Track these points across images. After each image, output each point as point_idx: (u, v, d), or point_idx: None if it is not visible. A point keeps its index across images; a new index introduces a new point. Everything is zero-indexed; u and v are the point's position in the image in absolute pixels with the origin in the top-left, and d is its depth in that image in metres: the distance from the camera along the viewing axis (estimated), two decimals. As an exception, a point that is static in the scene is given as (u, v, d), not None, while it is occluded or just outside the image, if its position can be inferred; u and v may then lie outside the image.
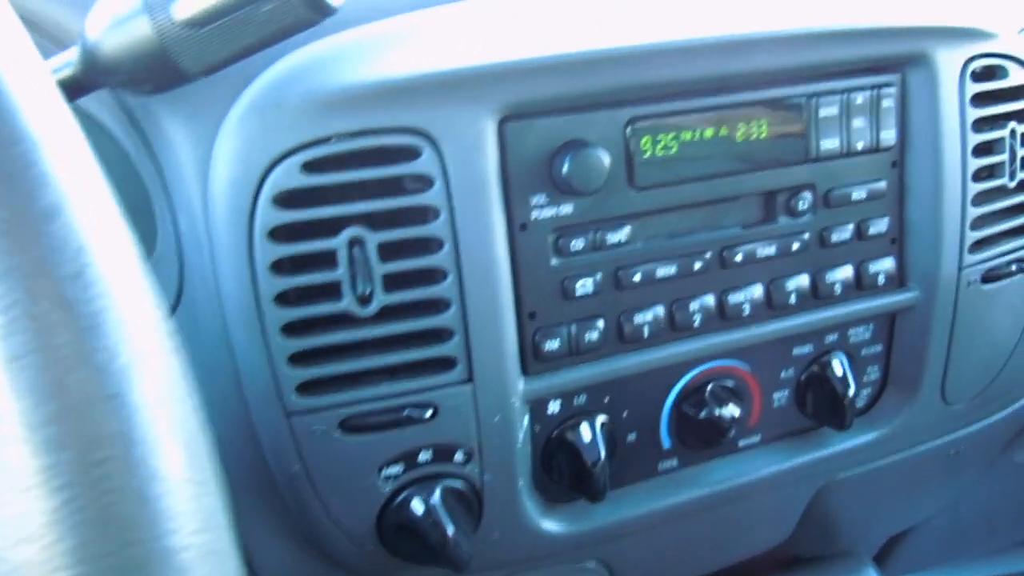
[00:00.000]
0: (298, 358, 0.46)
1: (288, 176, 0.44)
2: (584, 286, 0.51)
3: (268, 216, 0.44)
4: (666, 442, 0.59)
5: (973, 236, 0.60)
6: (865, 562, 0.80)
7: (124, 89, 0.44)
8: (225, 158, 0.45)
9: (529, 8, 0.51)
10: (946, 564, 0.88)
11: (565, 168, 0.48)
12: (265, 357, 0.46)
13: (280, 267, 0.45)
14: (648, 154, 0.51)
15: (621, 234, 0.52)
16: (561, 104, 0.49)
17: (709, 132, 0.53)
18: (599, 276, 0.52)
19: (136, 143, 0.48)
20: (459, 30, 0.48)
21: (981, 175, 0.60)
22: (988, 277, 0.62)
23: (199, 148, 0.45)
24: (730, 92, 0.53)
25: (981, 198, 0.60)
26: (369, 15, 0.48)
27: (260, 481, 0.50)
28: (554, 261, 0.51)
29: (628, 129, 0.51)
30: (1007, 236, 0.62)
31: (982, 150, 0.59)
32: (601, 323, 0.52)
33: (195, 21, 0.35)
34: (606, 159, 0.49)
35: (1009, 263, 0.62)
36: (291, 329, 0.46)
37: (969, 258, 0.60)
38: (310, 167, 0.44)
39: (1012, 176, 0.60)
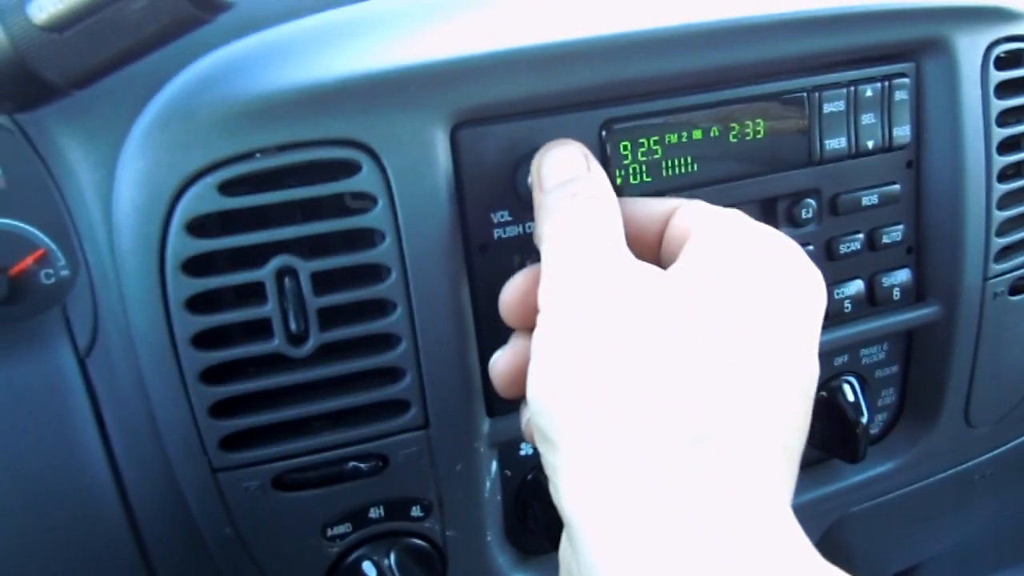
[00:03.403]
0: (221, 408, 0.40)
1: (202, 199, 0.38)
2: (557, 312, 0.45)
3: (181, 245, 0.38)
4: (656, 481, 0.52)
5: (999, 243, 0.54)
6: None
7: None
8: (129, 180, 0.38)
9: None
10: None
11: (530, 180, 0.42)
12: (185, 407, 0.40)
13: (197, 304, 0.39)
14: (628, 160, 0.45)
15: (598, 253, 0.45)
16: (523, 106, 0.43)
17: (698, 133, 0.46)
18: (574, 301, 0.45)
19: (36, 164, 0.42)
20: (400, 24, 0.42)
21: (1007, 174, 0.54)
22: (1016, 288, 0.57)
23: (99, 169, 0.39)
24: (721, 87, 0.46)
25: (1008, 200, 0.54)
26: (295, 11, 0.42)
27: (189, 545, 0.44)
28: (521, 286, 0.44)
29: (603, 132, 0.44)
30: (1037, 242, 0.57)
31: (1008, 146, 0.54)
32: (578, 353, 0.46)
33: (55, 23, 0.29)
34: (577, 168, 0.43)
35: (1039, 271, 0.57)
36: (212, 375, 0.40)
37: (995, 267, 0.55)
38: (228, 188, 0.38)
39: (1042, 175, 0.55)
